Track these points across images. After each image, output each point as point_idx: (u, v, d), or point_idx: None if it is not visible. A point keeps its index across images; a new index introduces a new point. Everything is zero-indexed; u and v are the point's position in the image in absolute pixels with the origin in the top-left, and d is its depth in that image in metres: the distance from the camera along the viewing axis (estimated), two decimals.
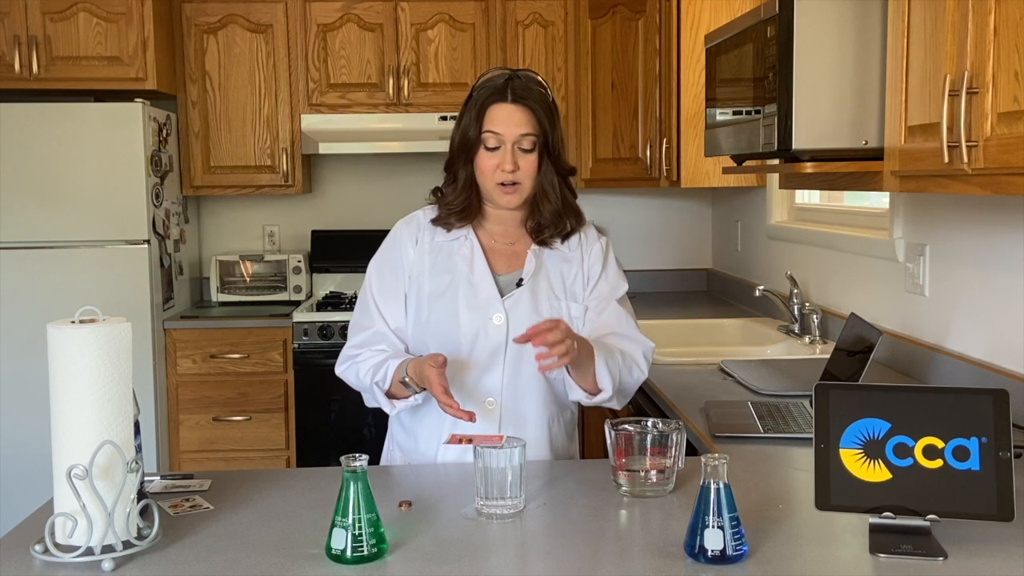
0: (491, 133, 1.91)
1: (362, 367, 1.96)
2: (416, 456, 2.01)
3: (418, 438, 2.01)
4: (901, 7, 1.93)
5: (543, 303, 1.96)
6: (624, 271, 2.09)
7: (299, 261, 4.44)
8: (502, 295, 1.96)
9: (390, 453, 2.10)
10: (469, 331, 1.93)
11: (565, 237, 2.01)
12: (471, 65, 4.25)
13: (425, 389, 1.87)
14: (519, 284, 1.97)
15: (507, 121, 1.90)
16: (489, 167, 1.92)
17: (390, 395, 1.94)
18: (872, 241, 2.87)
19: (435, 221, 2.00)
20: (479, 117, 1.92)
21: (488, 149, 1.91)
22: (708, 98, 2.91)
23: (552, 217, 1.97)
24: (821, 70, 2.16)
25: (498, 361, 1.94)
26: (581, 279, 2.01)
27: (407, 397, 1.92)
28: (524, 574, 1.41)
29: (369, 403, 2.01)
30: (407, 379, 1.88)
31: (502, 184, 1.92)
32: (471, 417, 1.77)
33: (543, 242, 2.00)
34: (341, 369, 2.02)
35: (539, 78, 1.99)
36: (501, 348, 1.94)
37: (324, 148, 4.16)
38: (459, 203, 1.97)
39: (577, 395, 1.93)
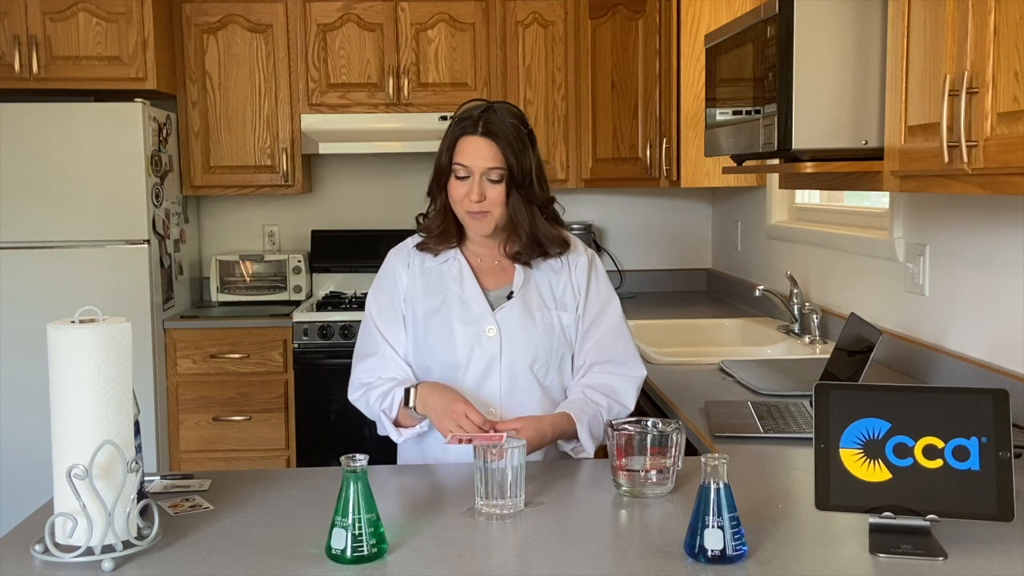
0: (460, 165, 1.96)
1: (372, 395, 2.01)
2: (419, 460, 2.04)
3: (424, 454, 2.04)
4: (901, 7, 1.93)
5: (535, 313, 2.01)
6: (623, 272, 2.11)
7: (299, 261, 4.44)
8: (493, 309, 2.01)
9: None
10: (464, 345, 1.98)
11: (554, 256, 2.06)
12: (471, 65, 4.25)
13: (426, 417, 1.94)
14: (509, 297, 2.02)
15: (474, 154, 1.94)
16: (458, 196, 1.97)
17: (397, 423, 2.00)
18: (872, 241, 2.87)
19: (420, 247, 2.06)
20: (451, 148, 1.97)
21: (458, 178, 1.96)
22: (708, 98, 2.91)
23: (527, 248, 2.01)
24: (821, 70, 2.16)
25: (494, 371, 1.99)
26: (571, 289, 2.05)
27: (413, 426, 1.97)
28: (524, 574, 1.41)
29: (380, 432, 2.05)
30: (412, 405, 1.92)
31: (471, 212, 1.97)
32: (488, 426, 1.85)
33: (525, 264, 2.04)
34: (355, 397, 2.07)
35: (516, 110, 2.01)
36: (496, 358, 1.98)
37: (324, 148, 4.16)
38: (436, 227, 2.03)
39: (564, 447, 2.00)
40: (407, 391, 1.94)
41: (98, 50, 3.92)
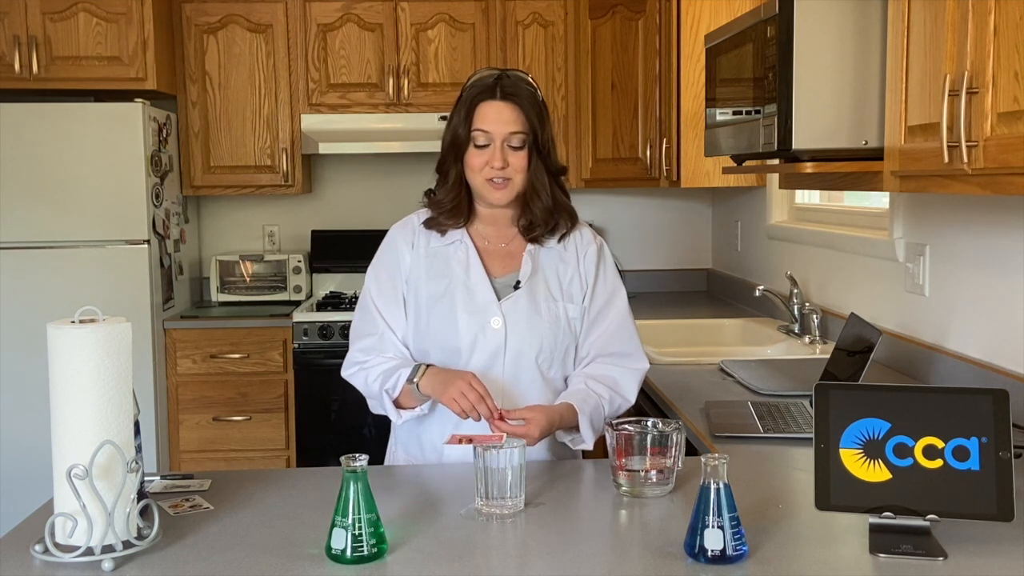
0: (480, 131, 1.91)
1: (371, 373, 1.96)
2: (420, 458, 2.02)
3: (422, 440, 2.01)
4: (901, 7, 1.93)
5: (541, 304, 1.96)
6: (623, 272, 2.09)
7: (299, 261, 4.44)
8: (499, 298, 1.96)
9: (393, 455, 2.10)
10: (468, 335, 1.94)
11: (561, 237, 2.01)
12: (471, 65, 4.24)
13: (429, 398, 1.90)
14: (516, 286, 1.97)
15: (496, 119, 1.90)
16: (478, 164, 1.92)
17: (398, 404, 1.95)
18: (872, 241, 2.87)
19: (427, 224, 2.01)
20: (468, 115, 1.92)
21: (477, 147, 1.91)
22: (708, 98, 2.91)
23: (543, 215, 1.97)
24: (821, 70, 2.16)
25: (497, 364, 1.94)
26: (578, 280, 2.01)
27: (413, 407, 1.94)
28: (524, 574, 1.41)
29: (375, 409, 2.01)
30: (416, 383, 1.88)
31: (491, 180, 1.92)
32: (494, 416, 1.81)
33: (535, 240, 1.99)
34: (348, 373, 2.02)
35: (529, 78, 1.98)
36: (500, 351, 1.94)
37: (324, 148, 4.16)
38: (449, 201, 1.97)
39: (563, 438, 1.96)
40: (415, 368, 1.90)
41: (98, 50, 3.92)
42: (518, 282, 1.98)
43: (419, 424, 2.00)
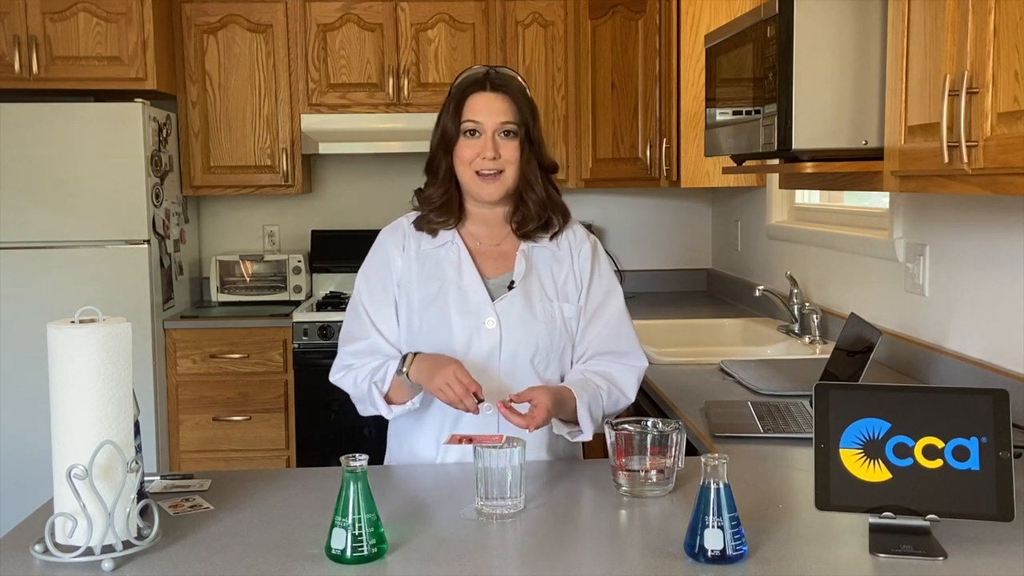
0: (471, 121, 1.89)
1: (360, 373, 1.94)
2: (408, 457, 2.01)
3: (415, 446, 1.99)
4: (901, 7, 1.93)
5: (536, 304, 1.94)
6: (622, 271, 2.08)
7: (299, 261, 4.44)
8: (493, 299, 1.94)
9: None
10: (462, 337, 1.91)
11: (553, 236, 1.99)
12: (471, 65, 4.24)
13: (421, 389, 1.87)
14: (510, 287, 1.95)
15: (487, 109, 1.88)
16: (469, 156, 1.89)
17: (388, 400, 1.93)
18: (872, 241, 2.87)
19: (418, 224, 1.98)
20: (458, 108, 1.90)
21: (468, 135, 1.89)
22: (708, 98, 2.91)
23: (537, 208, 1.94)
24: (821, 70, 2.16)
25: (493, 365, 1.92)
26: (573, 279, 1.98)
27: (404, 402, 1.91)
28: (524, 574, 1.41)
29: (364, 412, 1.97)
30: (405, 372, 1.85)
31: (481, 173, 1.89)
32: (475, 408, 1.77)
33: (528, 235, 1.96)
34: (337, 377, 1.99)
35: (519, 76, 1.96)
36: (495, 352, 1.92)
37: (324, 148, 4.16)
38: (439, 196, 1.94)
39: (560, 430, 1.92)
40: (403, 358, 1.87)
41: (98, 50, 3.92)
42: (512, 282, 1.95)
43: (414, 429, 1.98)
